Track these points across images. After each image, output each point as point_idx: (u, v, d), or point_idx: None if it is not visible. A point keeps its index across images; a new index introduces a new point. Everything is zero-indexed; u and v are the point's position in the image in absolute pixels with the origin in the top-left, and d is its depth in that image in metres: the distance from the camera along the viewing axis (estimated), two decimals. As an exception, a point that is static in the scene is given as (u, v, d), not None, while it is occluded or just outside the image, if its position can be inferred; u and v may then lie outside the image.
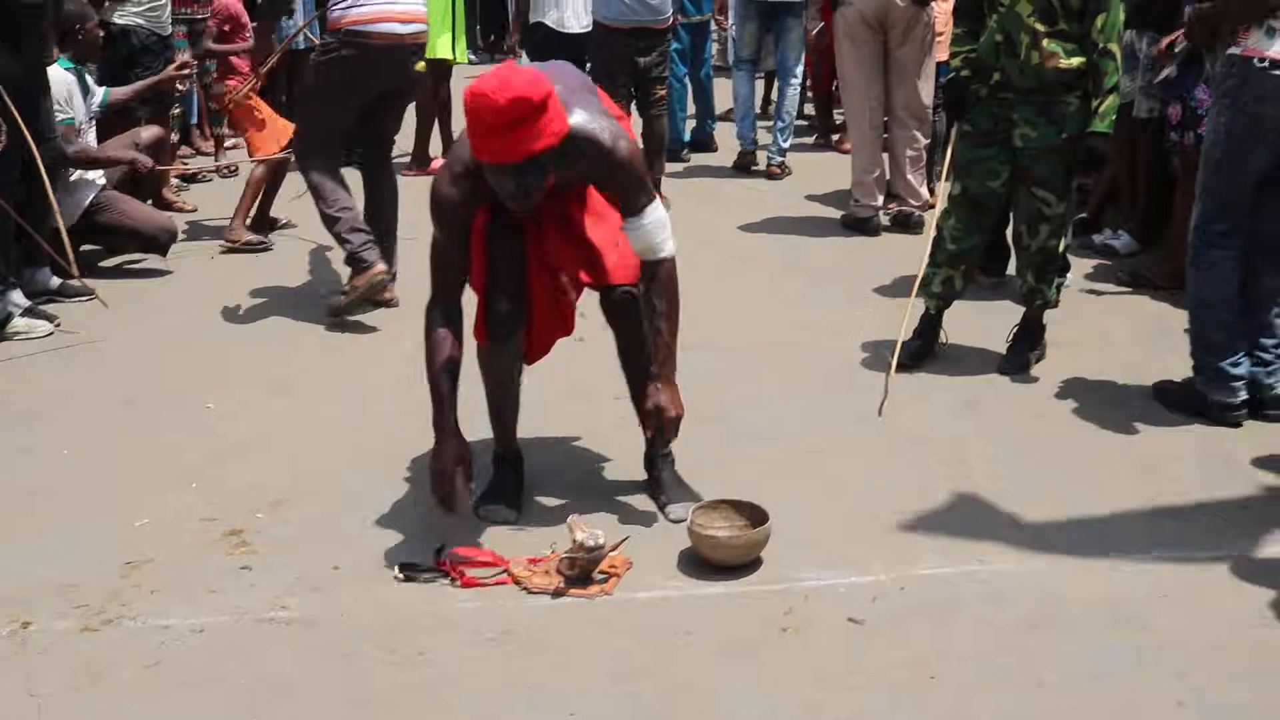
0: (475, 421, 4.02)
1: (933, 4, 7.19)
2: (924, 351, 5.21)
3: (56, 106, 6.24)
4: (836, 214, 7.76)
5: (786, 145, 9.16)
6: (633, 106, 7.70)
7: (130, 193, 6.87)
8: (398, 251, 6.08)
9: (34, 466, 4.33)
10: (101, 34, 7.02)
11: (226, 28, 8.43)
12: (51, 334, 5.64)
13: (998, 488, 4.08)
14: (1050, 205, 4.99)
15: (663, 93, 7.87)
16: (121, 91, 7.09)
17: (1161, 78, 6.21)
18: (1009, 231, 5.50)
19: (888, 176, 7.55)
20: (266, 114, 7.38)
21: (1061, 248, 5.14)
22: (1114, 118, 4.86)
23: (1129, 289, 6.23)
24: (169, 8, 7.97)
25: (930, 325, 5.27)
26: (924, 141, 7.41)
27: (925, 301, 5.24)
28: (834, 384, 5.00)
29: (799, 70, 9.13)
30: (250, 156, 7.32)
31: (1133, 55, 6.39)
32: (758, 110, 10.16)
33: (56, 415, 4.78)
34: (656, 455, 4.05)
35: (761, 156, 9.33)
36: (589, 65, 7.70)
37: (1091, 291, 6.25)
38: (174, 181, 8.20)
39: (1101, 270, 6.57)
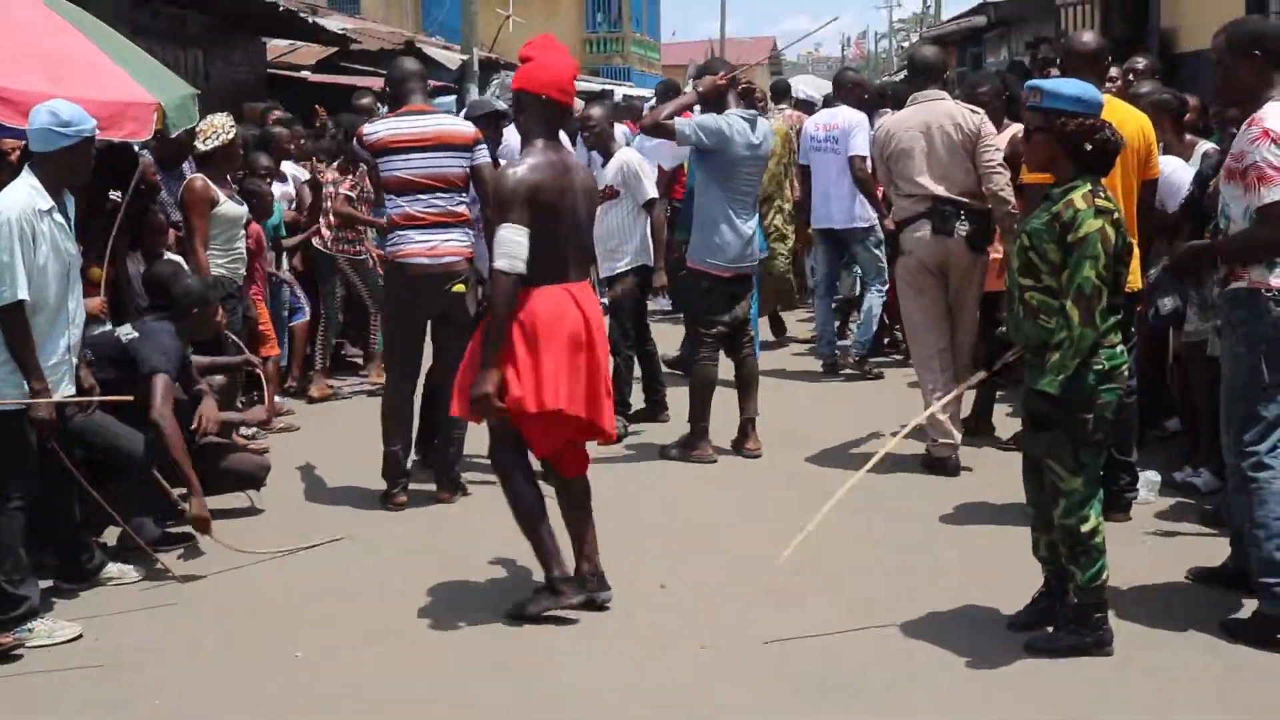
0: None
1: (990, 249, 7.34)
2: (1044, 617, 4.93)
3: None
4: (915, 450, 7.77)
5: (867, 340, 10.17)
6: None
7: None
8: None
9: (125, 719, 4.41)
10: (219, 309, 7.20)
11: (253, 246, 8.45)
12: (143, 578, 5.78)
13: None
14: (1061, 480, 4.68)
15: (751, 333, 7.98)
16: (200, 361, 6.96)
17: (1167, 310, 6.45)
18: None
19: (963, 414, 7.60)
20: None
21: (1088, 527, 4.68)
22: (1059, 377, 4.54)
23: (1210, 530, 6.10)
24: (246, 259, 8.22)
25: (1049, 589, 4.94)
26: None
27: (1042, 567, 4.99)
28: (924, 633, 5.00)
29: (879, 283, 10.14)
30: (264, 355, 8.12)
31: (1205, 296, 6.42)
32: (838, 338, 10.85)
33: (148, 665, 4.89)
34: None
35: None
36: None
37: (1168, 533, 6.17)
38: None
39: (1180, 508, 6.50)
